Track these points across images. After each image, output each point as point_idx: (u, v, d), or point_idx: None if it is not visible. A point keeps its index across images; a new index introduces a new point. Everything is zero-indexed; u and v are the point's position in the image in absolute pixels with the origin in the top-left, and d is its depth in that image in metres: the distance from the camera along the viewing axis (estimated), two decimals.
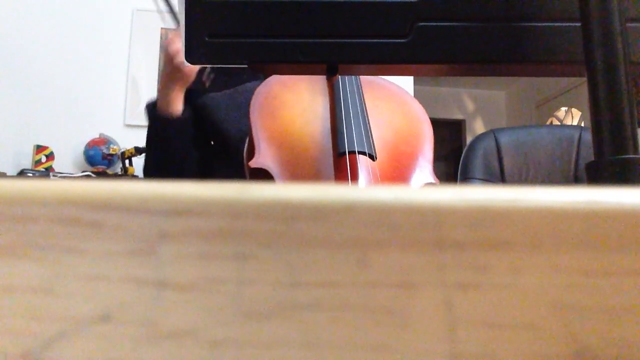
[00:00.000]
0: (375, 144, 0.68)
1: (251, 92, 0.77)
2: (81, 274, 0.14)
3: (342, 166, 0.65)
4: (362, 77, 0.81)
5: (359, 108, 0.71)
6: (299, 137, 0.69)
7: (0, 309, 0.14)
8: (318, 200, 0.14)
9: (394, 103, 0.78)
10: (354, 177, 0.63)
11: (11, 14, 2.65)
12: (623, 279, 0.13)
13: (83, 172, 2.44)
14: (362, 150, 0.65)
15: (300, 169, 0.67)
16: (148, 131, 0.94)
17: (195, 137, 0.94)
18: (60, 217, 0.14)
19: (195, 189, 0.14)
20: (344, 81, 0.75)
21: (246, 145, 0.73)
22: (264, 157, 0.68)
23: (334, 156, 0.66)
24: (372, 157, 0.65)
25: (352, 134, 0.67)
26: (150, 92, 2.69)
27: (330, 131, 0.69)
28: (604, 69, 0.26)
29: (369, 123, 0.70)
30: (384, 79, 0.86)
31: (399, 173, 0.68)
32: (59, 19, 2.68)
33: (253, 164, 0.68)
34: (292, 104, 0.73)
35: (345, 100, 0.72)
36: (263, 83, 0.76)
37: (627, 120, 0.25)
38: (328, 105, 0.73)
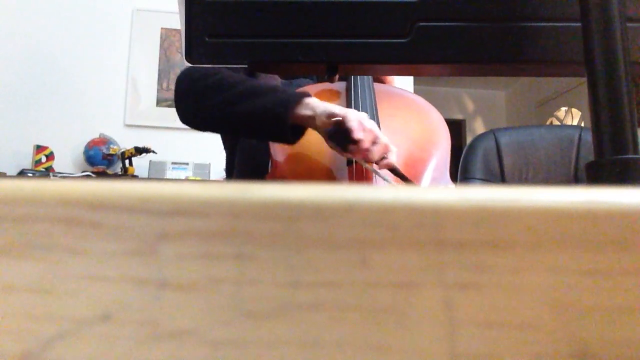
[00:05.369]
0: None
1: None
2: (81, 274, 0.14)
3: (351, 174, 0.66)
4: (378, 87, 0.81)
5: (369, 118, 0.73)
6: (314, 149, 0.70)
7: (0, 309, 0.14)
8: (318, 200, 0.14)
9: (410, 111, 0.79)
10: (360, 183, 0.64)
11: (11, 14, 2.65)
12: (623, 279, 0.13)
13: (83, 172, 2.44)
14: None
15: (315, 180, 0.69)
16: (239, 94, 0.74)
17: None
18: (60, 217, 0.14)
19: (196, 189, 0.14)
20: (357, 93, 0.76)
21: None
22: (280, 171, 0.70)
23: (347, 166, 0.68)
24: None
25: None
26: (150, 91, 2.69)
27: None
28: (604, 69, 0.26)
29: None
30: (401, 88, 0.86)
31: (412, 178, 0.69)
32: (59, 19, 2.68)
33: (270, 177, 0.70)
34: None
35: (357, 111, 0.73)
36: None
37: (627, 120, 0.25)
38: None
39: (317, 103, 0.71)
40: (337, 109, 0.69)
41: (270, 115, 0.71)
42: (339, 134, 0.66)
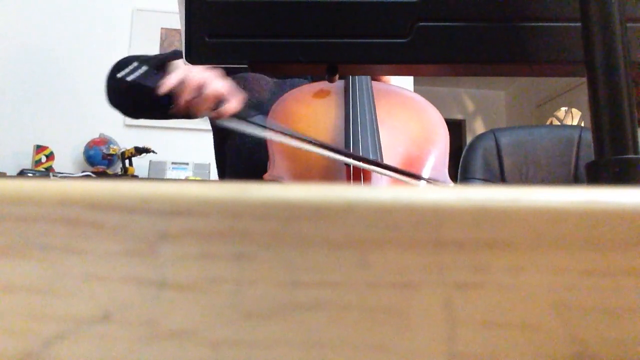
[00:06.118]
0: (384, 151, 0.69)
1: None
2: (81, 274, 0.14)
3: (348, 173, 0.66)
4: (376, 85, 0.81)
5: (367, 117, 0.72)
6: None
7: (0, 309, 0.14)
8: (318, 200, 0.14)
9: (408, 109, 0.79)
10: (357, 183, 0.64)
11: (11, 14, 2.65)
12: (623, 279, 0.13)
13: (83, 172, 2.44)
14: (366, 156, 0.66)
15: (313, 179, 0.69)
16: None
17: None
18: (60, 217, 0.14)
19: (196, 189, 0.14)
20: (355, 92, 0.76)
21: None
22: (278, 170, 0.70)
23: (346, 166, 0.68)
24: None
25: (358, 142, 0.68)
26: None
27: (343, 142, 0.70)
28: (604, 69, 0.26)
29: (377, 131, 0.71)
30: (399, 86, 0.86)
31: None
32: (59, 19, 2.68)
33: (268, 176, 0.70)
34: (306, 118, 0.75)
35: (355, 110, 0.73)
36: (278, 100, 0.78)
37: (627, 120, 0.25)
38: (342, 118, 0.74)
39: (177, 64, 0.74)
40: (175, 67, 0.72)
41: (138, 85, 0.76)
42: (148, 88, 0.70)
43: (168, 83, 0.69)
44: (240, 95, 0.70)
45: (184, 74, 0.70)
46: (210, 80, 0.70)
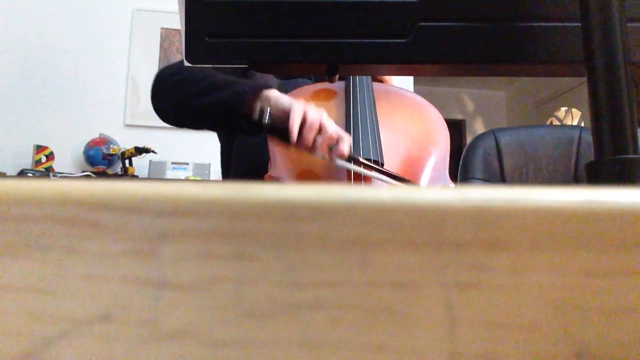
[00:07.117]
0: (385, 150, 0.69)
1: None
2: (81, 274, 0.14)
3: (349, 174, 0.66)
4: (377, 86, 0.81)
5: (368, 117, 0.72)
6: None
7: (0, 309, 0.14)
8: (318, 200, 0.14)
9: (408, 110, 0.79)
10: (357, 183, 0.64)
11: (11, 14, 2.65)
12: (623, 279, 0.13)
13: (83, 172, 2.44)
14: (367, 157, 0.66)
15: (314, 179, 0.69)
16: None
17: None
18: (60, 217, 0.14)
19: (196, 189, 0.14)
20: (356, 92, 0.76)
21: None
22: (279, 170, 0.70)
23: None
24: (378, 163, 0.67)
25: (359, 142, 0.68)
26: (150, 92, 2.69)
27: None
28: (604, 69, 0.26)
29: (377, 131, 0.71)
30: (400, 87, 0.86)
31: (411, 177, 0.68)
32: (59, 19, 2.68)
33: (268, 177, 0.70)
34: None
35: (355, 110, 0.73)
36: None
37: (627, 120, 0.25)
38: (343, 119, 0.74)
39: (273, 95, 0.71)
40: (286, 101, 0.69)
41: (226, 108, 0.72)
42: (278, 129, 0.67)
43: (295, 126, 0.66)
44: (346, 136, 0.68)
45: (302, 112, 0.67)
46: (325, 119, 0.68)
